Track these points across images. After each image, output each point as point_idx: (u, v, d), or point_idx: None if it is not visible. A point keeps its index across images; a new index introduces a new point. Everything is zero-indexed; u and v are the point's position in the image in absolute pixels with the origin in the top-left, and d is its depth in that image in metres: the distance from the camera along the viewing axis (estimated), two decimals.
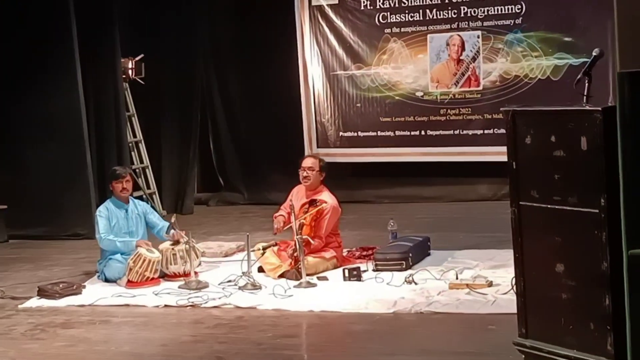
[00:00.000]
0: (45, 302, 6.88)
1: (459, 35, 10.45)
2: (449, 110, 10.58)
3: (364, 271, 7.15)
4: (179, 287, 7.04)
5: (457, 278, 6.74)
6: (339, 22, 10.96)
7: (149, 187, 11.00)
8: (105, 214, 7.49)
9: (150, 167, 11.08)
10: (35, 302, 6.92)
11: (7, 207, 9.59)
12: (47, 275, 7.82)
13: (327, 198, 7.49)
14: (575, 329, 4.32)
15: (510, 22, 10.22)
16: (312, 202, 7.47)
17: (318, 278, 7.11)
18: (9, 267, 8.29)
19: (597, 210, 4.16)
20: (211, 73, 11.55)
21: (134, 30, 10.84)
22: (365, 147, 10.97)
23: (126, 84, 10.71)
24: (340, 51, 10.97)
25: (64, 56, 9.48)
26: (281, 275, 7.17)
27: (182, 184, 11.12)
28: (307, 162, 7.62)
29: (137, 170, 10.77)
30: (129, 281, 7.17)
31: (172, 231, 7.46)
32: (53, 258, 8.63)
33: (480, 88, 10.42)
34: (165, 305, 6.66)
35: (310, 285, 6.91)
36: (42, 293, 7.02)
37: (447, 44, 10.53)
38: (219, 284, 7.07)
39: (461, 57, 10.48)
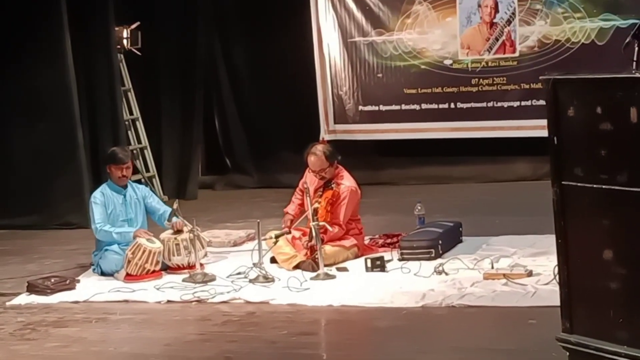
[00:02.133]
0: (36, 299, 6.92)
1: None
2: (481, 80, 10.54)
3: (389, 261, 7.16)
4: (183, 281, 7.08)
5: (492, 267, 6.74)
6: None
7: (148, 170, 11.04)
8: (101, 201, 7.52)
9: (149, 148, 11.11)
10: (24, 299, 6.96)
11: None
12: (37, 269, 7.87)
13: (344, 181, 7.49)
14: (626, 323, 4.32)
15: None
16: (327, 184, 7.48)
17: (337, 269, 7.14)
18: None
19: None
20: (215, 42, 11.54)
21: None
22: (388, 122, 10.95)
23: (121, 56, 10.73)
24: (358, 15, 10.94)
25: (51, 25, 9.49)
26: (296, 267, 7.19)
27: (185, 166, 11.14)
28: (315, 165, 7.44)
29: (135, 152, 10.80)
30: (127, 274, 7.21)
31: (174, 218, 7.48)
32: (43, 250, 8.68)
33: (517, 55, 10.37)
34: (168, 301, 6.70)
35: (328, 277, 6.93)
36: (32, 289, 7.06)
37: (479, 5, 10.47)
38: (227, 277, 7.09)
39: (495, 20, 10.43)
